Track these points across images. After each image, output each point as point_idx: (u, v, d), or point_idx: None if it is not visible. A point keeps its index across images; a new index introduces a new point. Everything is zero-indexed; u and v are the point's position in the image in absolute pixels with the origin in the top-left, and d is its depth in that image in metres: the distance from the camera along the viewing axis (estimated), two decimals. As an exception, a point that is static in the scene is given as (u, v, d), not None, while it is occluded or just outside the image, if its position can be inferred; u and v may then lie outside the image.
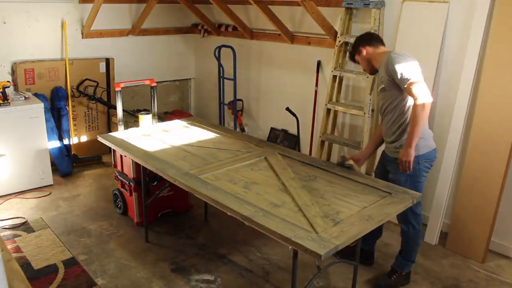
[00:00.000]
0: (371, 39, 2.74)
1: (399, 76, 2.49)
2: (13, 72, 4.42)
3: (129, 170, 3.50)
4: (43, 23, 4.51)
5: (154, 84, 3.83)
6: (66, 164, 4.50)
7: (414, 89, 2.46)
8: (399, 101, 2.61)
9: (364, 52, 2.71)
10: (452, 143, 3.26)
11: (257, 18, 4.84)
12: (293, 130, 4.66)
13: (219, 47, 4.90)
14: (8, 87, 3.97)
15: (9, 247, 3.08)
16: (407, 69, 2.49)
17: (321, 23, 3.86)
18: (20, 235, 3.37)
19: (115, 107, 4.08)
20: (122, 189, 3.66)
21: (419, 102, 2.45)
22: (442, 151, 3.36)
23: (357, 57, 2.77)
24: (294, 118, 4.48)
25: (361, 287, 2.85)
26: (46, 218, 3.64)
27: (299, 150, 4.52)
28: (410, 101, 2.58)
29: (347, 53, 2.98)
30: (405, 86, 2.49)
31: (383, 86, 2.64)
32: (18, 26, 4.38)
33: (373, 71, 2.77)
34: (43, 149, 4.16)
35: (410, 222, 2.75)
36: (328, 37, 4.04)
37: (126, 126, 3.85)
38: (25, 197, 4.02)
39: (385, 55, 2.59)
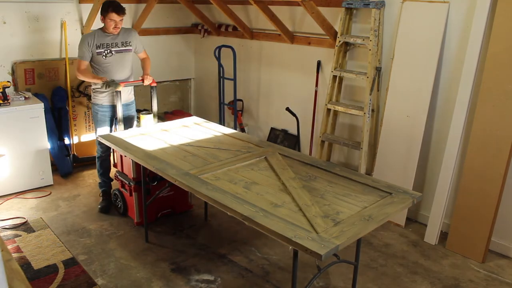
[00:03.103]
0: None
1: (140, 43, 3.85)
2: (13, 72, 4.42)
3: (129, 170, 3.50)
4: (43, 23, 4.51)
5: (154, 84, 3.84)
6: (66, 164, 4.50)
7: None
8: (132, 61, 3.85)
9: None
10: (452, 143, 3.26)
11: (257, 18, 4.84)
12: (293, 130, 4.66)
13: (219, 47, 4.89)
14: (8, 87, 3.97)
15: (9, 247, 3.09)
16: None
17: (321, 23, 3.87)
18: (20, 235, 3.37)
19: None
20: (122, 189, 3.66)
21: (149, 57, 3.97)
22: (443, 151, 3.36)
23: (123, 17, 3.58)
24: (294, 118, 4.48)
25: (361, 287, 2.86)
26: (46, 218, 3.64)
27: (299, 150, 4.52)
28: None
29: (121, 9, 3.54)
30: (143, 50, 3.90)
31: (130, 47, 3.74)
32: (18, 26, 4.38)
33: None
34: (43, 149, 4.16)
35: None
36: (328, 37, 4.04)
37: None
38: (25, 197, 4.02)
39: (122, 28, 3.65)
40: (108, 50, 3.61)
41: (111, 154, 3.81)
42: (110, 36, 3.61)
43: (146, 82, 3.73)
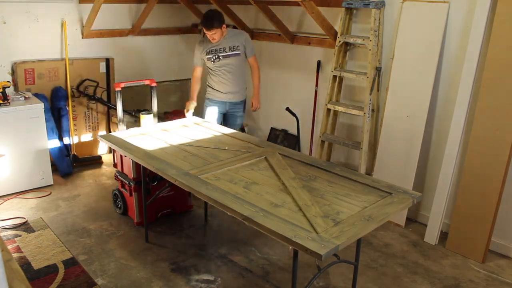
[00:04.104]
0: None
1: (251, 47, 3.84)
2: (13, 72, 4.42)
3: (129, 170, 3.50)
4: (43, 23, 4.51)
5: (154, 84, 3.83)
6: (66, 164, 4.50)
7: (256, 60, 3.94)
8: (244, 64, 3.86)
9: (223, 26, 3.66)
10: (452, 143, 3.26)
11: (257, 18, 4.84)
12: (293, 130, 4.66)
13: (219, 47, 4.88)
14: (8, 87, 3.97)
15: (9, 247, 3.08)
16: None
17: (321, 23, 3.86)
18: (20, 235, 3.37)
19: (115, 107, 4.08)
20: (122, 189, 3.66)
21: (259, 67, 3.96)
22: (443, 151, 3.36)
23: (216, 30, 3.61)
24: (294, 118, 4.48)
25: (361, 287, 2.86)
26: (46, 218, 3.64)
27: (299, 150, 4.52)
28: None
29: (209, 23, 3.61)
30: (253, 55, 3.86)
31: (237, 52, 3.76)
32: (18, 26, 4.38)
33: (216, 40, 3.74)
34: (43, 149, 4.16)
35: None
36: (328, 37, 4.04)
37: (126, 126, 3.85)
38: (25, 197, 4.02)
39: (229, 30, 3.79)
40: (216, 56, 3.71)
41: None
42: (220, 41, 3.69)
43: (254, 108, 4.00)
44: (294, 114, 4.46)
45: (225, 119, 4.04)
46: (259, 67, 3.94)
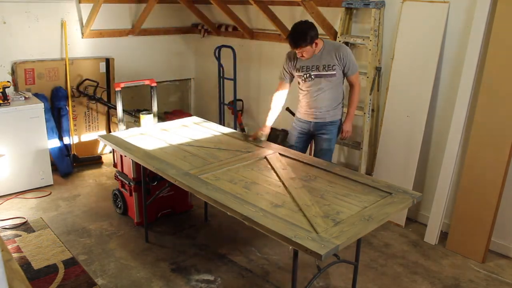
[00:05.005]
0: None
1: (352, 64, 3.10)
2: (13, 72, 4.42)
3: (129, 170, 3.50)
4: (43, 23, 4.51)
5: (154, 84, 3.83)
6: (66, 164, 4.50)
7: (359, 77, 3.24)
8: (340, 81, 3.17)
9: (315, 42, 3.02)
10: (452, 143, 3.26)
11: (257, 18, 4.84)
12: (293, 130, 4.65)
13: (219, 47, 4.89)
14: (8, 87, 3.97)
15: (9, 247, 3.08)
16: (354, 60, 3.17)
17: (321, 23, 3.86)
18: (20, 235, 3.37)
19: (115, 107, 4.08)
20: (122, 189, 3.66)
21: (360, 86, 3.25)
22: (443, 151, 3.36)
23: (305, 48, 2.98)
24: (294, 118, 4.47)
25: (361, 287, 2.86)
26: (46, 218, 3.64)
27: (299, 150, 4.51)
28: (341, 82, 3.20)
29: (294, 40, 2.98)
30: (354, 73, 3.13)
31: (333, 72, 3.07)
32: (18, 26, 4.38)
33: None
34: (43, 149, 4.16)
35: None
36: (328, 37, 4.03)
37: (126, 126, 3.85)
38: (25, 197, 4.02)
39: (325, 43, 3.11)
40: (308, 74, 3.10)
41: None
42: (314, 57, 3.07)
43: (344, 135, 3.31)
44: (294, 114, 4.45)
45: (312, 142, 3.43)
46: (360, 86, 3.25)
